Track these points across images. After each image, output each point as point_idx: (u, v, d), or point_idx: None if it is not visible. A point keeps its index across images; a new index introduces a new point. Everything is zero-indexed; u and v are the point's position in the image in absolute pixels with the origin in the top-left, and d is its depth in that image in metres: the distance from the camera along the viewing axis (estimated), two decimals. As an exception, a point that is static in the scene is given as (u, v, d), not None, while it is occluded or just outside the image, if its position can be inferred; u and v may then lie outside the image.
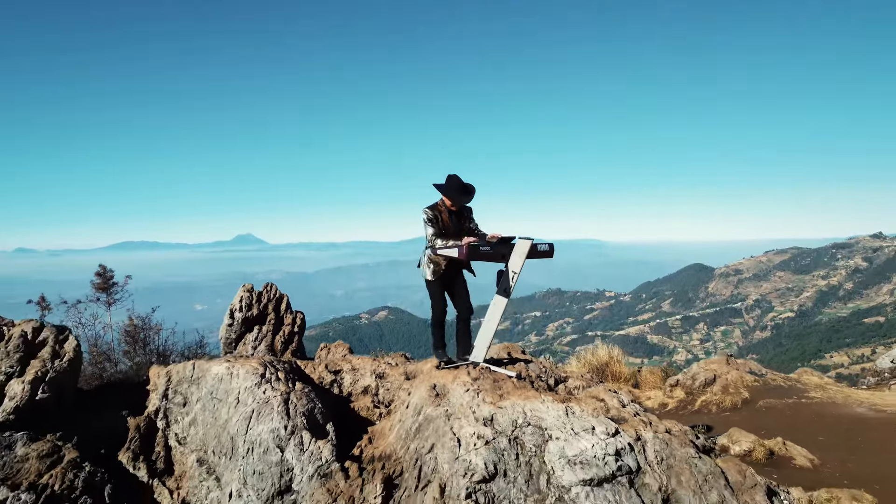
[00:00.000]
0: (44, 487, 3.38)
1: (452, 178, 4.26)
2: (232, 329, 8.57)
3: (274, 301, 8.99)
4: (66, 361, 3.98)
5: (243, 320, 8.57)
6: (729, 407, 7.74)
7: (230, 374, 4.13)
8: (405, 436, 3.95)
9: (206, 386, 4.19)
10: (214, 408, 4.07)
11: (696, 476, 3.63)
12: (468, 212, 4.47)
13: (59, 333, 4.17)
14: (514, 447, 3.63)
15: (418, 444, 3.80)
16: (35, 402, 3.75)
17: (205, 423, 4.08)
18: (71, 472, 3.54)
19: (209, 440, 3.99)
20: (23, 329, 4.04)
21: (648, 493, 3.50)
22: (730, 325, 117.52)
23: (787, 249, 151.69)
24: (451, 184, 4.24)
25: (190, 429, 4.14)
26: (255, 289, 8.98)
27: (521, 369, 4.61)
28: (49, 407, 3.83)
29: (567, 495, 3.43)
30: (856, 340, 77.65)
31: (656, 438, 3.81)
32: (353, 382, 4.87)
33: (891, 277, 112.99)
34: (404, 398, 4.37)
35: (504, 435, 3.67)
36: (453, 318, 4.79)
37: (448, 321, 4.68)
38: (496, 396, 3.96)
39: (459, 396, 3.96)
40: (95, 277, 7.12)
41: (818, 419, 6.92)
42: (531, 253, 4.24)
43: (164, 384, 4.33)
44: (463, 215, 4.40)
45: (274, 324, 8.68)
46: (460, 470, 3.50)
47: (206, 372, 4.28)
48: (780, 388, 8.16)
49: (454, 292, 4.44)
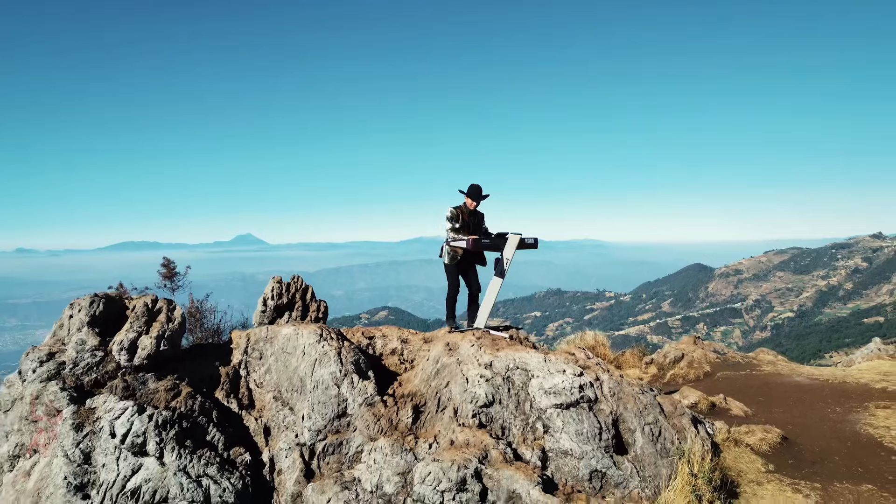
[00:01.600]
0: (173, 409, 4.79)
1: (474, 185, 5.74)
2: (265, 315, 9.97)
3: (301, 291, 10.40)
4: (177, 324, 5.39)
5: (275, 307, 9.97)
6: (693, 378, 9.15)
7: (296, 334, 5.55)
8: (427, 378, 5.37)
9: (277, 343, 5.61)
10: (285, 359, 5.48)
11: (638, 404, 5.05)
12: (482, 215, 5.95)
13: (169, 304, 5.58)
14: (506, 383, 5.04)
15: (437, 383, 5.21)
16: (158, 352, 5.16)
17: (277, 371, 5.50)
18: (188, 400, 4.95)
19: (282, 382, 5.40)
20: (144, 301, 5.45)
21: (602, 415, 4.92)
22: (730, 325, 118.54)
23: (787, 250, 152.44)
24: (472, 189, 5.72)
25: (265, 376, 5.55)
26: (283, 280, 10.41)
27: (513, 333, 6.03)
28: (167, 356, 5.24)
29: (544, 415, 4.84)
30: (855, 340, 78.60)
31: (611, 379, 5.23)
32: (383, 346, 6.29)
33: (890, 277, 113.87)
34: (425, 354, 5.79)
35: (499, 375, 5.08)
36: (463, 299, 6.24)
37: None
38: (494, 349, 5.37)
39: (467, 349, 5.38)
40: (161, 268, 8.51)
41: (763, 385, 8.32)
42: (520, 245, 5.69)
43: (244, 343, 5.75)
44: (479, 216, 5.88)
45: (301, 310, 10.09)
46: (468, 398, 4.92)
47: (278, 333, 5.70)
48: (737, 364, 9.57)
49: (468, 275, 5.94)
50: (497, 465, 4.38)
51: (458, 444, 4.56)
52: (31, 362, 5.00)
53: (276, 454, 4.90)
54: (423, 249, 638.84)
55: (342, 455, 4.79)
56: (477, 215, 5.93)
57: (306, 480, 4.61)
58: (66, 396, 4.68)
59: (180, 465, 4.37)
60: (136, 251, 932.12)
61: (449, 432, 4.72)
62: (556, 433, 4.72)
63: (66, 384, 4.78)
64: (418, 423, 5.00)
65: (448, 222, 5.72)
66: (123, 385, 4.90)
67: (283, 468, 4.78)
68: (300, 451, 4.83)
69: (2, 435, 4.91)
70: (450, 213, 5.73)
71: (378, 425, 4.87)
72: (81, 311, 5.28)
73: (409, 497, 4.20)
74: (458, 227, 5.70)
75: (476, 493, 4.16)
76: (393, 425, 4.92)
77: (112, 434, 4.43)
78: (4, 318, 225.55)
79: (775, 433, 5.80)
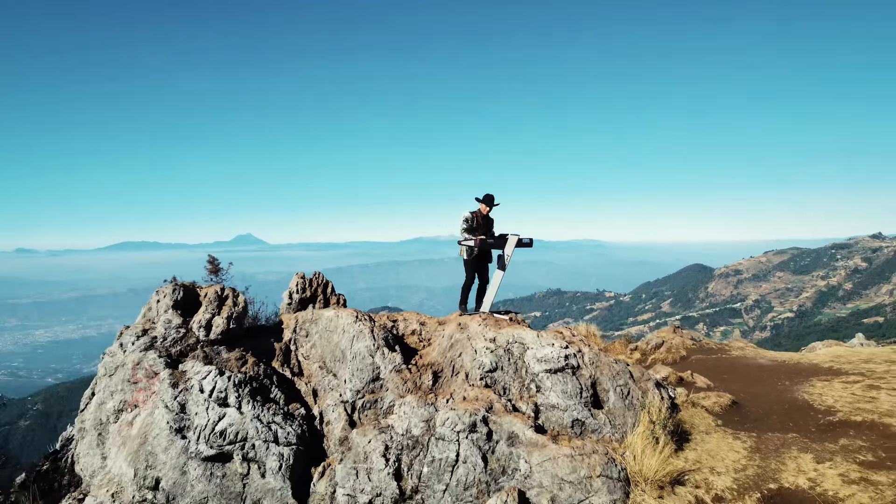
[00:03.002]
0: (244, 373, 6.08)
1: (488, 195, 7.08)
2: (290, 307, 11.27)
3: (322, 285, 11.69)
4: (241, 307, 6.69)
5: (299, 300, 11.27)
6: (671, 361, 10.43)
7: (337, 315, 6.85)
8: (443, 351, 6.67)
9: (321, 323, 6.91)
10: (328, 336, 6.78)
11: (612, 371, 6.34)
12: (492, 220, 7.29)
13: (234, 292, 6.88)
14: (507, 354, 6.33)
15: (451, 354, 6.51)
16: (228, 329, 6.45)
17: (321, 345, 6.79)
18: (254, 366, 6.25)
19: (326, 354, 6.69)
20: (215, 289, 6.75)
21: (583, 378, 6.20)
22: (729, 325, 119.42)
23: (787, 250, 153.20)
24: (487, 198, 7.06)
25: (311, 349, 6.85)
26: (306, 276, 11.68)
27: (512, 316, 7.33)
28: (235, 333, 6.53)
29: (536, 378, 6.13)
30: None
31: (591, 352, 6.52)
32: (405, 327, 7.58)
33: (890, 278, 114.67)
34: (440, 333, 7.09)
35: (501, 347, 6.37)
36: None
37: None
38: (497, 328, 6.66)
39: (475, 328, 6.67)
40: (207, 265, 9.75)
41: (729, 366, 9.60)
42: (518, 244, 6.98)
43: (293, 324, 7.04)
44: (490, 220, 7.19)
45: (322, 303, 11.38)
46: (476, 365, 6.21)
47: (321, 315, 6.99)
48: (710, 350, 10.86)
49: (481, 270, 7.25)
50: (500, 414, 5.66)
51: (469, 399, 5.85)
52: (130, 336, 6.30)
53: (324, 409, 6.19)
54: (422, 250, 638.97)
55: (377, 409, 6.08)
56: (488, 220, 7.25)
57: (350, 428, 5.90)
58: (162, 362, 5.97)
59: (254, 413, 5.65)
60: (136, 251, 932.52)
61: (462, 391, 6.01)
62: (546, 392, 6.01)
63: (160, 353, 6.08)
64: (437, 385, 6.29)
65: (464, 223, 7.02)
66: (203, 355, 6.20)
67: (331, 419, 6.07)
68: (344, 407, 6.12)
69: (108, 394, 6.20)
70: (468, 216, 7.05)
71: (405, 386, 6.17)
72: (166, 297, 6.58)
73: (433, 437, 5.49)
74: (474, 229, 7.01)
75: (484, 433, 5.44)
76: (417, 386, 6.21)
77: (201, 390, 5.72)
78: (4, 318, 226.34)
79: (727, 398, 7.10)
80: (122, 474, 5.57)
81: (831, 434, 6.08)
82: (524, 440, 5.38)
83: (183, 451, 5.40)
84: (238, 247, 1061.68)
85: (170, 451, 5.41)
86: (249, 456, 5.42)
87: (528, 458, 5.21)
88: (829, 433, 6.11)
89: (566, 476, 5.01)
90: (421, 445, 5.47)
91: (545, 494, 4.94)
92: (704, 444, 6.01)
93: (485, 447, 5.35)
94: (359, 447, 5.57)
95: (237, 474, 5.39)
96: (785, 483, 5.22)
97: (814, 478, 5.24)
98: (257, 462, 5.41)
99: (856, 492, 4.92)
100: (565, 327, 7.22)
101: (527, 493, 5.00)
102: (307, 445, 5.74)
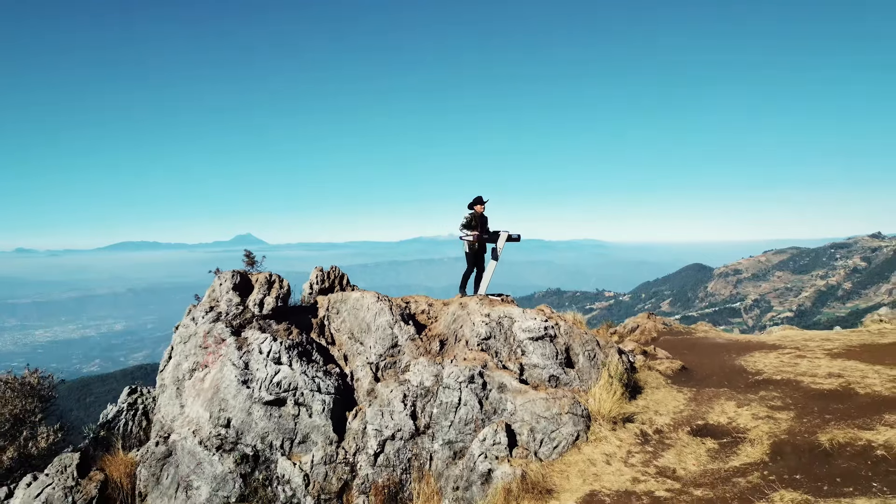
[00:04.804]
0: (292, 340, 7.73)
1: (479, 197, 8.72)
2: (311, 296, 12.89)
3: (338, 277, 13.31)
4: (286, 289, 8.36)
5: (318, 290, 12.89)
6: (643, 342, 12.05)
7: (362, 296, 8.51)
8: (448, 324, 8.32)
9: (349, 303, 8.57)
10: (355, 313, 8.44)
11: (582, 339, 7.98)
12: (486, 218, 8.91)
13: (280, 278, 8.54)
14: (498, 325, 7.98)
15: (454, 326, 8.16)
16: (276, 307, 8.10)
17: (350, 320, 8.45)
18: (299, 336, 7.90)
19: (354, 327, 8.35)
20: (265, 275, 8.42)
21: (559, 344, 7.85)
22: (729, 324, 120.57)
23: (786, 249, 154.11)
24: (477, 200, 8.72)
25: (341, 324, 8.50)
26: (324, 269, 13.27)
27: (504, 297, 8.99)
28: (281, 310, 8.19)
29: (521, 344, 7.78)
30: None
31: (566, 325, 8.17)
32: (416, 308, 9.24)
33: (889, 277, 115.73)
34: (445, 311, 8.75)
35: (494, 321, 8.02)
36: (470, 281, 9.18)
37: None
38: (491, 306, 8.31)
39: (473, 306, 8.32)
40: (244, 258, 11.40)
41: (692, 345, 11.24)
42: (508, 239, 8.65)
43: (326, 303, 8.70)
44: (485, 219, 8.83)
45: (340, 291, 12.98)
46: (474, 335, 7.86)
47: (349, 296, 8.66)
48: (678, 332, 12.50)
49: (479, 261, 8.89)
50: (493, 370, 7.31)
51: (468, 359, 7.50)
52: (200, 311, 7.96)
53: (354, 369, 7.85)
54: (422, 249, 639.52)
55: (397, 368, 7.74)
56: (484, 218, 8.88)
57: (376, 382, 7.56)
58: (228, 331, 7.63)
59: (302, 370, 7.30)
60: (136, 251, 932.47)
61: (462, 354, 7.66)
62: (529, 354, 7.66)
63: (226, 324, 7.74)
64: (443, 350, 7.95)
65: (463, 220, 8.68)
66: (258, 326, 7.86)
67: (360, 377, 7.72)
68: (370, 367, 7.77)
69: (183, 357, 7.85)
70: (468, 216, 8.71)
71: (418, 351, 7.82)
72: (227, 281, 8.25)
73: (441, 386, 7.13)
74: (473, 226, 8.68)
75: (480, 384, 7.08)
76: (427, 351, 7.87)
77: (260, 352, 7.37)
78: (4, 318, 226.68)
79: (678, 363, 8.74)
80: (199, 416, 7.22)
81: (755, 389, 7.72)
82: (511, 388, 7.03)
83: (248, 397, 7.05)
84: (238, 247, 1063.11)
85: (238, 398, 7.06)
86: (300, 401, 7.07)
87: (514, 401, 6.86)
88: (753, 388, 7.75)
89: (542, 413, 6.65)
90: (431, 393, 7.12)
91: (526, 426, 6.58)
92: (653, 396, 7.65)
93: (480, 394, 6.99)
94: (383, 395, 7.22)
95: (290, 415, 7.03)
96: (710, 420, 6.86)
97: (732, 417, 6.88)
98: (306, 406, 7.06)
99: (760, 424, 6.56)
100: (546, 306, 8.87)
101: (512, 426, 6.64)
102: (342, 395, 7.38)
